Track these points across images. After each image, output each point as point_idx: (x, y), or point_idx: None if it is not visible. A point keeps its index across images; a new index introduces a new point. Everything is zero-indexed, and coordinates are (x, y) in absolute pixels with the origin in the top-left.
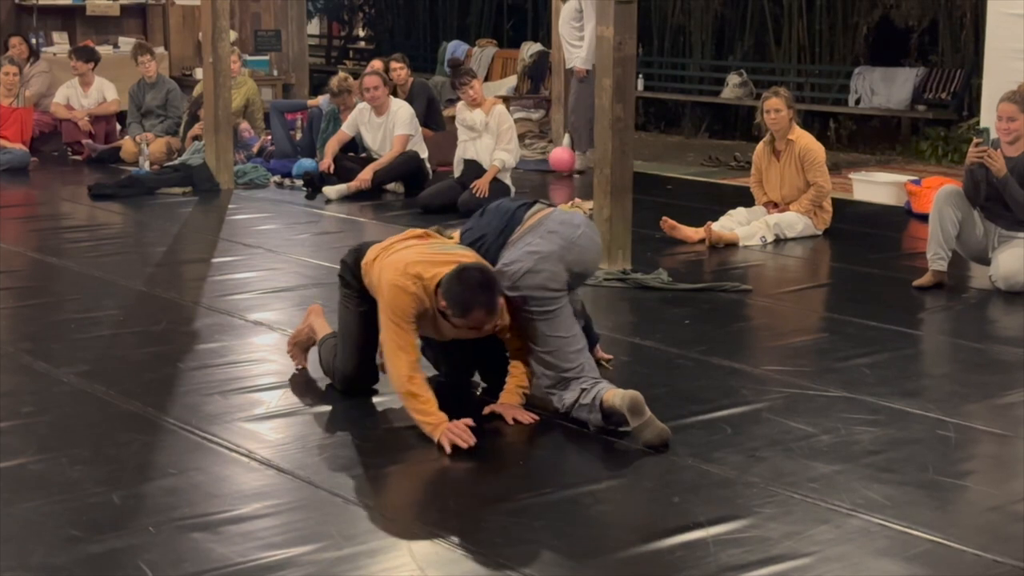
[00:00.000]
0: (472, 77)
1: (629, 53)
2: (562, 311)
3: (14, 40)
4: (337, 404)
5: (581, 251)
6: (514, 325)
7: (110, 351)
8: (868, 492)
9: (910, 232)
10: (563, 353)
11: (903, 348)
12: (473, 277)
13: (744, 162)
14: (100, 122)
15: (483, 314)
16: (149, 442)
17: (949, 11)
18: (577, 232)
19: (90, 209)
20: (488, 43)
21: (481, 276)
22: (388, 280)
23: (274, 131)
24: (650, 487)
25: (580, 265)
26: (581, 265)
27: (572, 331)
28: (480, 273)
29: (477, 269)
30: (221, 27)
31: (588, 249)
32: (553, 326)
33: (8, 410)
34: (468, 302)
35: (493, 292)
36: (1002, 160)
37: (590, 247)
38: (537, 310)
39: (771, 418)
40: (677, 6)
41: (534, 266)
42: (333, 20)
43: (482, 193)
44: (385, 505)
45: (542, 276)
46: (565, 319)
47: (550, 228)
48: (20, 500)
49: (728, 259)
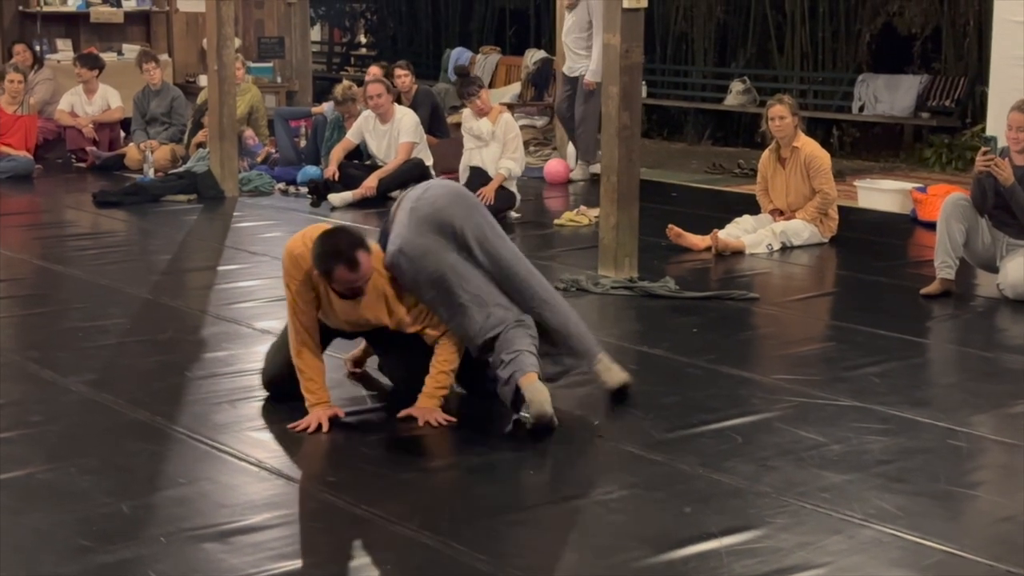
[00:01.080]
0: (480, 87)
1: (636, 61)
2: (453, 281)
3: (18, 47)
4: (348, 414)
5: (432, 203)
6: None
7: (117, 360)
8: (880, 502)
9: (916, 240)
10: (471, 321)
11: (912, 357)
12: (331, 237)
13: (748, 169)
14: (104, 129)
15: (345, 271)
16: (158, 451)
17: (952, 18)
18: (420, 191)
19: (94, 216)
20: (491, 50)
21: (340, 235)
22: (285, 249)
23: (278, 138)
24: (661, 497)
25: (444, 216)
26: (445, 215)
27: (474, 295)
28: (340, 233)
29: (339, 230)
30: (226, 34)
31: (440, 196)
32: (451, 297)
33: (16, 419)
34: (328, 259)
35: (353, 248)
36: (1009, 169)
37: (442, 194)
38: (427, 287)
39: (781, 427)
40: (680, 13)
41: (400, 248)
42: (335, 27)
43: (488, 201)
44: (395, 514)
45: (407, 256)
46: (460, 288)
47: (403, 207)
48: (29, 510)
49: (734, 267)
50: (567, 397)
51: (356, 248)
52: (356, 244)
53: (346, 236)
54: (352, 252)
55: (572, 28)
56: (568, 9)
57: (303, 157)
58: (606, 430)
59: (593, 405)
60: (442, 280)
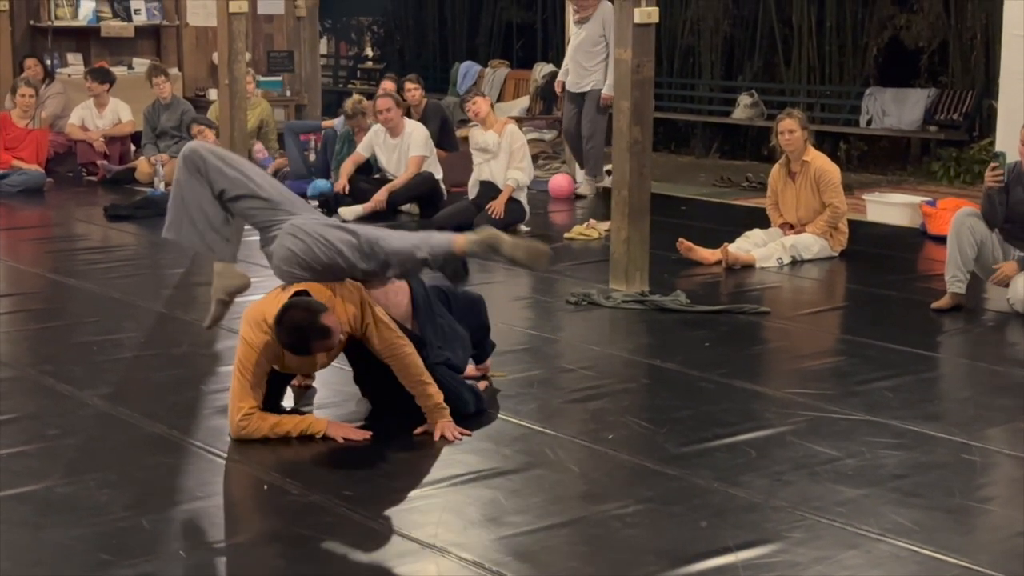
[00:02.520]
0: (478, 93)
1: (647, 76)
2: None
3: (29, 62)
4: (360, 428)
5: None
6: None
7: (133, 373)
8: (896, 517)
9: (926, 254)
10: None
11: (924, 371)
12: (292, 317)
13: (756, 182)
14: (115, 143)
15: (320, 344)
16: (176, 465)
17: (959, 32)
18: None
19: (105, 230)
20: (500, 64)
21: (297, 311)
22: (241, 333)
23: (289, 152)
24: (677, 511)
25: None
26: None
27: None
28: (296, 309)
29: (292, 306)
30: (237, 49)
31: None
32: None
33: (33, 433)
34: (301, 339)
35: (316, 319)
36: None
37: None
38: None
39: (795, 441)
40: (687, 27)
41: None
42: (342, 40)
43: (498, 214)
44: (410, 527)
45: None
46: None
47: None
48: (49, 524)
49: (745, 281)
50: (580, 411)
51: (318, 316)
52: (317, 313)
53: (304, 311)
54: (318, 322)
55: (583, 43)
56: (579, 24)
57: (313, 171)
58: (620, 444)
59: (606, 419)
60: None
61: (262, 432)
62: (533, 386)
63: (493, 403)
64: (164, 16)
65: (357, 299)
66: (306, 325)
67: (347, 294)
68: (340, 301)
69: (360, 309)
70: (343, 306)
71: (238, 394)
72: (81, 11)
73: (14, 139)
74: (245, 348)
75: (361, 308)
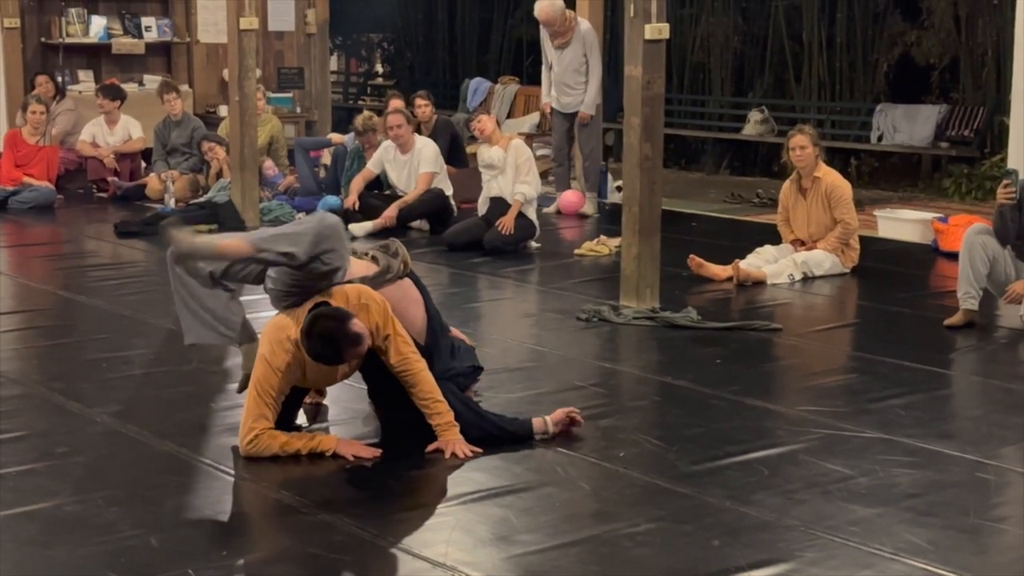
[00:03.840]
0: (482, 112)
1: (658, 92)
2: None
3: (40, 79)
4: (371, 446)
5: None
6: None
7: (142, 391)
8: (910, 536)
9: (938, 270)
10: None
11: (937, 389)
12: (321, 327)
13: (767, 199)
14: (125, 160)
15: (354, 350)
16: (184, 483)
17: (970, 48)
18: None
19: (116, 247)
20: (510, 80)
21: (327, 321)
22: (261, 352)
23: (299, 168)
24: (689, 530)
25: None
26: None
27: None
28: (325, 319)
29: (320, 317)
30: (248, 66)
31: None
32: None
33: (42, 450)
34: (334, 349)
35: (345, 334)
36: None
37: None
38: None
39: (807, 460)
40: (697, 43)
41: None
42: (352, 57)
43: (508, 230)
44: (420, 546)
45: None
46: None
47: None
48: (57, 542)
49: (756, 297)
50: (590, 429)
51: (347, 323)
52: (345, 320)
53: (332, 319)
54: (351, 330)
55: (567, 67)
56: (559, 48)
57: (323, 187)
58: (631, 462)
59: (617, 436)
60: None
61: (271, 450)
62: (543, 403)
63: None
64: (175, 33)
65: (382, 310)
66: (338, 334)
67: (373, 304)
68: (364, 311)
69: (383, 320)
70: (367, 315)
71: (252, 413)
72: (92, 28)
73: (25, 156)
74: (265, 369)
75: (384, 319)
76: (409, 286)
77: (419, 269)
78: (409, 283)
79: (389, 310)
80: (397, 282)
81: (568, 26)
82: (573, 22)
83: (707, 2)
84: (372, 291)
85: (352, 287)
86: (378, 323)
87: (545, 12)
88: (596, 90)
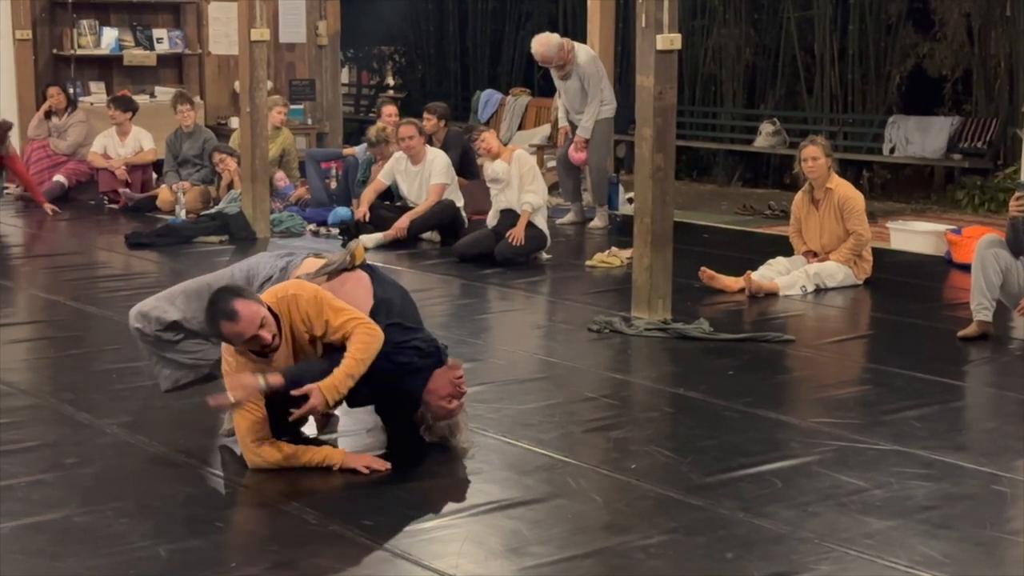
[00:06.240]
0: (483, 130)
1: (670, 103)
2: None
3: (52, 90)
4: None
5: None
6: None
7: (152, 402)
8: (926, 549)
9: (951, 282)
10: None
11: (951, 400)
12: (212, 300)
13: (779, 211)
14: (137, 171)
15: (228, 324)
16: (194, 494)
17: (983, 60)
18: None
19: (126, 258)
20: (521, 92)
21: (215, 294)
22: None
23: (310, 180)
24: (702, 542)
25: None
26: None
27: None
28: (216, 292)
29: (218, 291)
30: (259, 77)
31: None
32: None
33: (51, 461)
34: (211, 321)
35: (228, 301)
36: None
37: None
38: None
39: (821, 472)
40: (708, 55)
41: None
42: (363, 69)
43: (518, 241)
44: (431, 557)
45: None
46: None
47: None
48: (67, 554)
49: (768, 309)
50: (602, 440)
51: (232, 299)
52: (232, 296)
53: (221, 293)
54: (228, 305)
55: (573, 95)
56: (562, 79)
57: (334, 198)
58: (643, 474)
59: (629, 448)
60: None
61: (276, 462)
62: (555, 415)
63: (514, 431)
64: (186, 45)
65: (312, 299)
66: (213, 304)
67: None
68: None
69: (315, 309)
70: (295, 305)
71: (240, 427)
72: (104, 40)
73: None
74: (227, 381)
75: (317, 308)
76: (362, 276)
77: (430, 281)
78: (362, 274)
79: (325, 297)
80: (347, 273)
81: (567, 58)
82: (570, 53)
83: (719, 14)
84: (305, 283)
85: (288, 282)
86: (308, 312)
87: (540, 53)
88: (592, 116)
